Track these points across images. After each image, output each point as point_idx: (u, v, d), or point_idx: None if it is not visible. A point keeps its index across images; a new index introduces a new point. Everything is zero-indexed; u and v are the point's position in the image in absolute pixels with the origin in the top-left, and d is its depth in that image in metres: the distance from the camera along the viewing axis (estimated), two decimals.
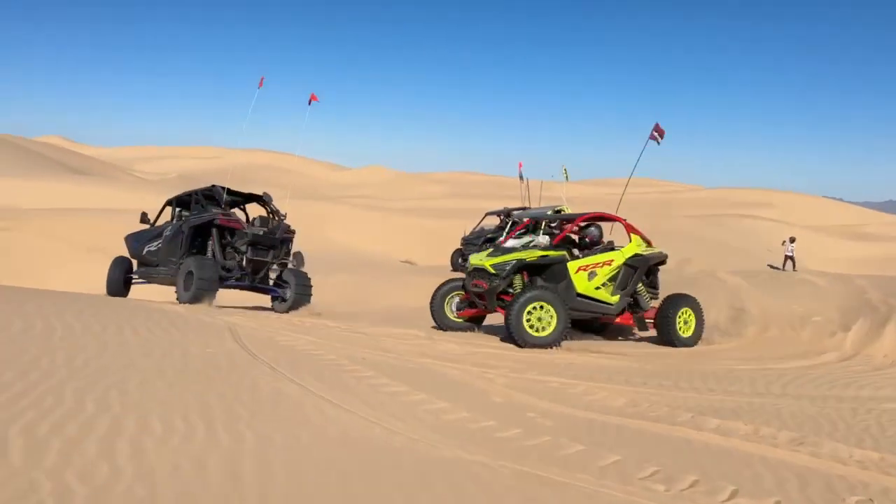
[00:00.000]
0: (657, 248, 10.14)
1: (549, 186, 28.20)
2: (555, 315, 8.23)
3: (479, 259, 9.30)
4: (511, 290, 8.94)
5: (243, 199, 12.50)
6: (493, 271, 8.95)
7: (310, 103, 13.16)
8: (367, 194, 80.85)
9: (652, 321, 9.84)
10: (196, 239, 11.23)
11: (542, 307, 8.22)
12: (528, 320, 8.19)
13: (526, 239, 15.00)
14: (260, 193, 12.29)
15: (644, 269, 9.68)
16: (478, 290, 9.08)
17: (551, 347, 8.16)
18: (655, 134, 13.14)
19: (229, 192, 11.86)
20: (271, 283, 11.55)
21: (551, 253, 9.10)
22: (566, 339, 8.61)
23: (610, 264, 9.23)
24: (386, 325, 9.56)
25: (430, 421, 4.48)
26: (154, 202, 43.83)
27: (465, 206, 57.91)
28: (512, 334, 8.15)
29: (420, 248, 38.87)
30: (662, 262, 10.28)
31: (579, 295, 8.97)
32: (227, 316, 8.25)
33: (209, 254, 11.15)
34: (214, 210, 11.45)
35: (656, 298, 10.05)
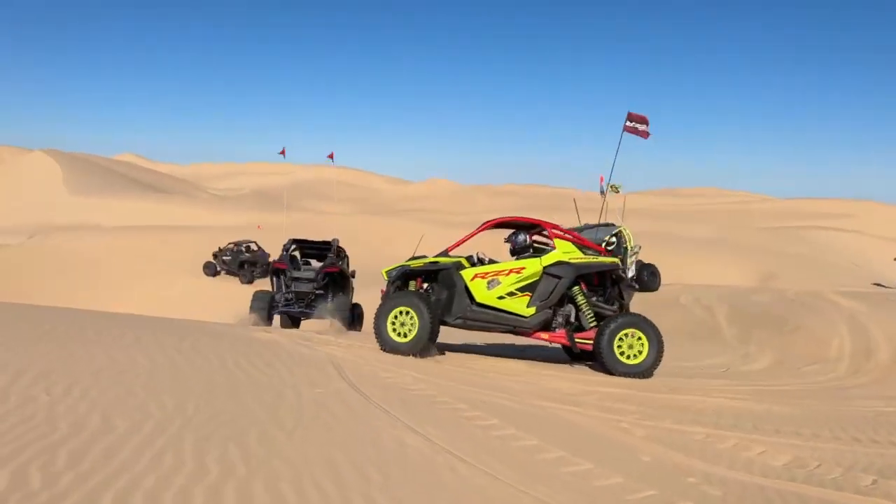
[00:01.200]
0: (601, 258, 8.59)
1: (625, 199, 27.37)
2: (416, 322, 7.90)
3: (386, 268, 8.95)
4: None
5: (318, 248, 14.98)
6: (385, 278, 8.72)
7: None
8: (431, 208, 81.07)
9: (588, 342, 8.21)
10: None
11: (406, 313, 7.97)
12: (394, 326, 7.94)
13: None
14: (329, 241, 14.79)
15: (570, 280, 8.29)
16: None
17: (411, 355, 7.78)
18: (632, 125, 11.56)
19: (307, 243, 14.81)
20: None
21: (441, 260, 8.63)
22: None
23: (519, 272, 8.27)
24: (478, 355, 9.09)
25: (582, 488, 3.93)
26: (230, 219, 44.81)
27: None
28: (376, 338, 8.04)
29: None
30: (615, 273, 8.71)
31: (479, 304, 8.30)
32: (324, 346, 7.91)
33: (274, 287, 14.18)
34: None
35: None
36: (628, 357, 7.95)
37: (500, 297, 8.24)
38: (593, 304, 8.50)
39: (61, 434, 4.02)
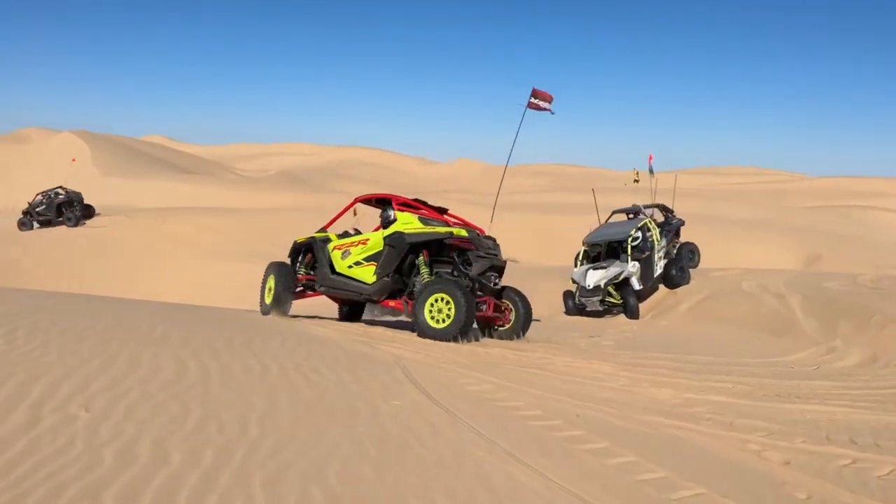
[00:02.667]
0: (435, 229, 8.62)
1: (666, 179, 26.17)
2: (272, 289, 9.26)
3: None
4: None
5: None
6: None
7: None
8: (460, 188, 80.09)
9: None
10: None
11: (272, 280, 9.39)
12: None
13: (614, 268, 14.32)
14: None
15: (402, 249, 8.50)
16: None
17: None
18: (536, 101, 11.66)
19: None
20: None
21: (316, 234, 9.75)
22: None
23: (365, 244, 8.95)
24: (547, 349, 8.32)
25: None
26: (259, 200, 44.45)
27: (568, 201, 55.90)
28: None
29: (527, 246, 37.38)
30: (462, 245, 8.61)
31: (337, 273, 9.17)
32: (385, 344, 7.17)
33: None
34: None
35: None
36: (437, 321, 8.05)
37: (350, 267, 8.95)
38: (442, 274, 8.65)
39: (106, 469, 3.32)
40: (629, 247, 14.66)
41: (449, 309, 7.86)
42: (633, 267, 14.62)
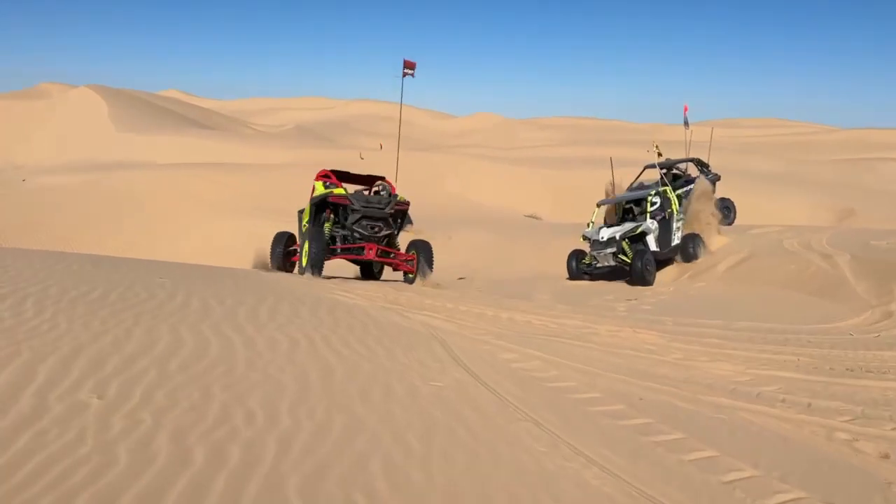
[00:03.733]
0: (326, 191, 10.27)
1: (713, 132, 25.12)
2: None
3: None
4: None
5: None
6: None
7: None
8: (477, 143, 78.87)
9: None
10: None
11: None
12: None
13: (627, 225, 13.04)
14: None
15: (312, 210, 10.45)
16: None
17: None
18: (406, 70, 15.94)
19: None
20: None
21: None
22: None
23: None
24: (577, 312, 7.82)
25: None
26: (276, 156, 43.86)
27: (585, 155, 54.72)
28: None
29: (545, 202, 36.70)
30: (339, 202, 10.19)
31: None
32: (417, 312, 6.70)
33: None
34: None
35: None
36: (303, 262, 9.69)
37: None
38: (339, 230, 10.36)
39: (120, 471, 2.88)
40: (647, 207, 13.57)
41: (305, 251, 9.57)
42: (651, 224, 13.49)
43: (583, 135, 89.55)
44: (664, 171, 18.38)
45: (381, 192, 10.85)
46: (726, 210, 17.74)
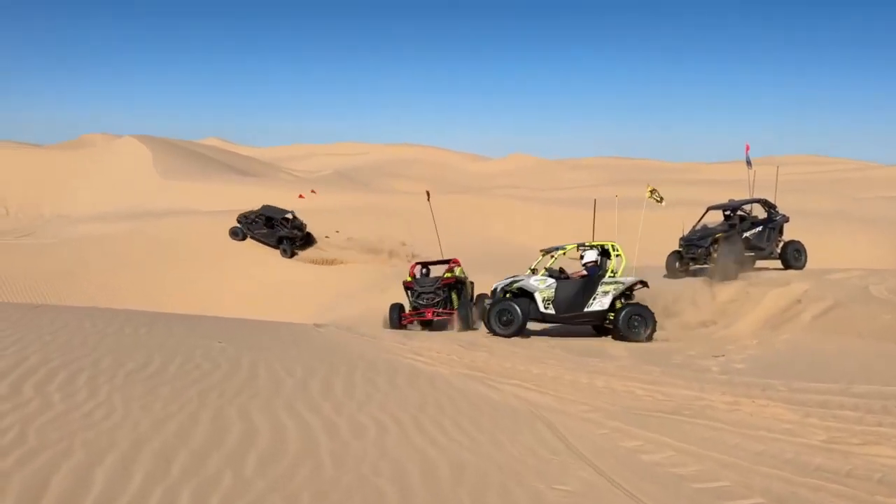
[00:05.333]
0: None
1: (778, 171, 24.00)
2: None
3: None
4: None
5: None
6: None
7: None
8: (514, 184, 78.55)
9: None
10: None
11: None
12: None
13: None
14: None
15: None
16: None
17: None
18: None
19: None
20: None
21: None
22: None
23: None
24: (674, 377, 6.96)
25: None
26: (314, 200, 43.91)
27: (623, 195, 53.85)
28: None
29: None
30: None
31: None
32: (502, 382, 5.94)
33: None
34: None
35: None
36: None
37: None
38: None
39: None
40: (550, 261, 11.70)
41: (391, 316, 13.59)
42: (536, 281, 11.28)
43: (618, 174, 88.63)
44: (728, 212, 17.45)
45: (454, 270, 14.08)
46: (796, 253, 16.69)
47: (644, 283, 12.04)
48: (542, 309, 11.16)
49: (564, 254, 12.02)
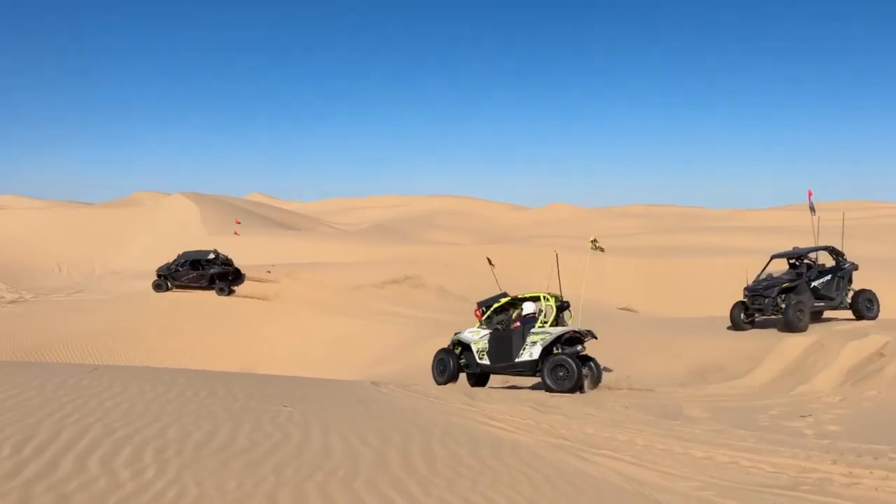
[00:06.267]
0: None
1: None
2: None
3: None
4: None
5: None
6: None
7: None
8: (555, 233, 78.08)
9: None
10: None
11: None
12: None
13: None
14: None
15: None
16: None
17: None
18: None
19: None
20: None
21: None
22: None
23: None
24: (775, 444, 6.33)
25: None
26: (358, 252, 44.13)
27: (670, 243, 52.75)
28: None
29: (639, 292, 34.82)
30: None
31: None
32: (592, 452, 5.44)
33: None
34: None
35: None
36: None
37: None
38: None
39: None
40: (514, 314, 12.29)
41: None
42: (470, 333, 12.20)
43: (661, 222, 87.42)
44: (794, 260, 16.68)
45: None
46: (868, 303, 15.78)
47: (591, 334, 11.60)
48: (477, 360, 11.74)
49: (499, 305, 12.23)
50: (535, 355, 11.01)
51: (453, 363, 11.82)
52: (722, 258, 39.07)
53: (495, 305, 12.29)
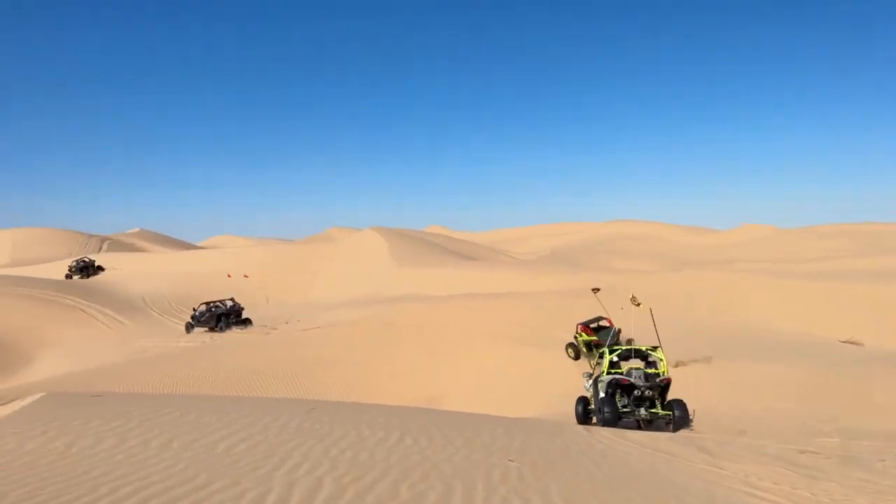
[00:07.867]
0: None
1: None
2: None
3: None
4: None
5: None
6: None
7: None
8: (749, 257, 71.83)
9: None
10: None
11: None
12: None
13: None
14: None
15: None
16: None
17: None
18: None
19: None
20: None
21: None
22: None
23: None
24: None
25: None
26: (540, 281, 43.39)
27: (881, 266, 45.99)
28: None
29: (867, 324, 30.37)
30: None
31: None
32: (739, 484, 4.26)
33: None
34: None
35: None
36: None
37: None
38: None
39: None
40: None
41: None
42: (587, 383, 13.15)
43: (872, 242, 77.13)
44: None
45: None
46: None
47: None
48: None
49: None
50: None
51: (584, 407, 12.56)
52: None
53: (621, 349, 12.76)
